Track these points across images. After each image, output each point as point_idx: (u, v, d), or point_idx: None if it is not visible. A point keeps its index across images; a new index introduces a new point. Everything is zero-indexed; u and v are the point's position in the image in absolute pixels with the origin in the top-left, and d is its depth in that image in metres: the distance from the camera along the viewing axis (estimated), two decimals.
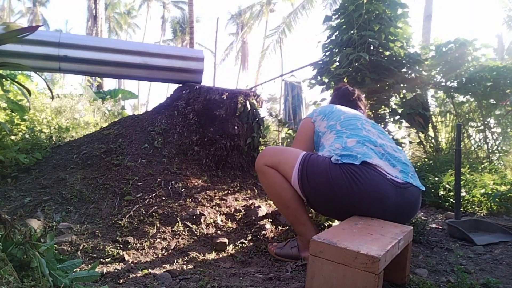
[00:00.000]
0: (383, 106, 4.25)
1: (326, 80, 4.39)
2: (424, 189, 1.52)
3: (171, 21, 31.87)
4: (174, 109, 2.74)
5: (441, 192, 2.96)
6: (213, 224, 1.89)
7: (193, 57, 2.94)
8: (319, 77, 4.51)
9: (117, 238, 1.67)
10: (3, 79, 1.66)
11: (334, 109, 1.78)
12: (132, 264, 1.45)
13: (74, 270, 1.11)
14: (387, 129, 4.19)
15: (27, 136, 2.77)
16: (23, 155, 2.37)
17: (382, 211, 1.38)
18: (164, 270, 1.42)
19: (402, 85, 4.20)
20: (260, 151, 3.11)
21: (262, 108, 2.95)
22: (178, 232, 1.77)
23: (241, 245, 1.76)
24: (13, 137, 2.68)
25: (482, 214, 2.74)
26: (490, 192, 2.84)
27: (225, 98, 2.67)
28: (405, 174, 1.44)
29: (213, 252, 1.65)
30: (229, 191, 2.34)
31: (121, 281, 1.28)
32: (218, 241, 1.71)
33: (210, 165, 2.57)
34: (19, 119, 2.82)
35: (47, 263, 0.98)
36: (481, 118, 4.41)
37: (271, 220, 2.05)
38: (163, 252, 1.61)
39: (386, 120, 4.22)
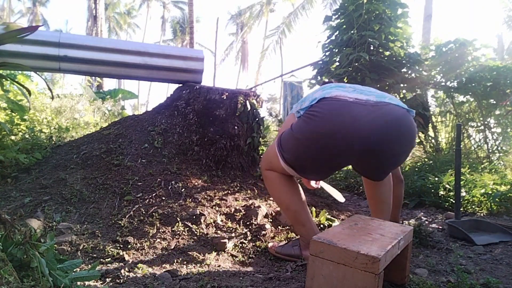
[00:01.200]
0: None
1: (326, 80, 4.39)
2: (413, 112, 1.41)
3: (171, 21, 31.87)
4: (174, 109, 2.74)
5: (441, 192, 2.96)
6: (213, 224, 1.89)
7: (193, 57, 2.94)
8: (319, 77, 4.50)
9: (117, 238, 1.67)
10: (3, 79, 1.66)
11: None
12: (132, 264, 1.45)
13: (74, 270, 1.11)
14: None
15: (27, 136, 2.76)
16: (23, 155, 2.37)
17: (358, 136, 1.27)
18: (164, 270, 1.42)
19: (402, 85, 4.20)
20: (260, 151, 3.13)
21: (262, 108, 2.96)
22: (178, 232, 1.77)
23: (241, 245, 1.76)
24: (13, 137, 2.68)
25: (482, 214, 2.74)
26: (490, 192, 2.84)
27: (225, 98, 2.67)
28: (380, 97, 1.35)
29: (213, 252, 1.65)
30: (229, 191, 2.34)
31: (121, 281, 1.28)
32: (218, 241, 1.71)
33: (210, 165, 2.57)
34: (19, 119, 2.82)
35: (47, 263, 0.98)
36: (481, 118, 4.41)
37: (271, 220, 2.05)
38: (163, 252, 1.61)
39: None
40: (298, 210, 1.54)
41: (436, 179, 3.10)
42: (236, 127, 2.67)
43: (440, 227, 2.35)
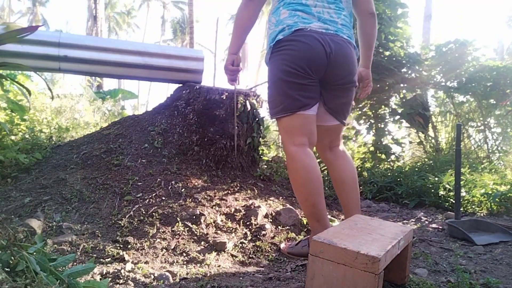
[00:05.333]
0: (383, 106, 4.25)
1: None
2: (352, 40, 1.59)
3: (171, 21, 31.86)
4: (174, 109, 2.74)
5: (441, 192, 2.96)
6: (213, 224, 1.89)
7: (193, 57, 2.94)
8: None
9: (117, 238, 1.67)
10: (3, 79, 1.66)
11: None
12: (132, 264, 1.45)
13: (68, 266, 1.10)
14: (387, 129, 4.19)
15: (27, 136, 2.76)
16: (23, 155, 2.37)
17: (322, 61, 1.47)
18: (164, 270, 1.42)
19: (402, 85, 4.20)
20: (260, 151, 3.12)
21: (262, 108, 2.96)
22: (178, 232, 1.77)
23: (241, 245, 1.76)
24: (13, 137, 2.68)
25: (482, 214, 2.74)
26: (490, 192, 2.84)
27: (225, 98, 2.67)
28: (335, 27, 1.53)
29: (213, 252, 1.65)
30: (229, 191, 2.34)
31: (121, 281, 1.28)
32: (218, 241, 1.71)
33: (210, 165, 2.57)
34: (19, 119, 2.82)
35: (38, 261, 0.97)
36: (481, 118, 4.41)
37: (271, 220, 2.05)
38: (163, 252, 1.61)
39: (386, 120, 4.22)
40: (316, 204, 1.51)
41: (436, 179, 3.10)
42: (236, 127, 2.67)
43: (440, 227, 2.35)
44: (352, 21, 1.67)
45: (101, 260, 1.47)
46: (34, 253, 1.01)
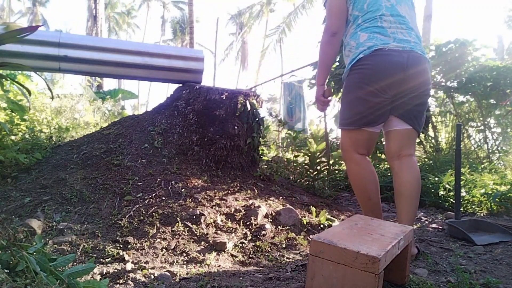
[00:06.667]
0: None
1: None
2: (425, 55, 1.71)
3: (171, 21, 31.83)
4: (174, 109, 2.74)
5: (441, 192, 2.96)
6: (213, 224, 1.89)
7: (193, 57, 2.94)
8: None
9: (117, 238, 1.67)
10: (3, 79, 1.66)
11: None
12: (132, 264, 1.45)
13: (68, 266, 1.10)
14: None
15: (27, 136, 2.76)
16: (23, 155, 2.37)
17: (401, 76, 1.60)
18: (164, 270, 1.42)
19: None
20: (260, 151, 3.12)
21: (262, 108, 2.96)
22: (178, 232, 1.77)
23: (241, 245, 1.76)
24: (13, 137, 2.68)
25: (482, 214, 2.74)
26: (490, 192, 2.84)
27: (225, 98, 2.67)
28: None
29: (213, 252, 1.65)
30: (229, 191, 2.34)
31: (121, 281, 1.28)
32: (218, 241, 1.71)
33: (210, 165, 2.57)
34: (19, 119, 2.82)
35: (38, 261, 0.97)
36: (481, 118, 4.41)
37: (271, 220, 2.05)
38: (163, 252, 1.61)
39: None
40: (377, 203, 1.70)
41: (436, 179, 3.10)
42: (236, 127, 2.67)
43: (440, 227, 2.35)
44: (421, 39, 1.79)
45: (101, 260, 1.47)
46: (34, 253, 1.01)
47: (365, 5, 1.68)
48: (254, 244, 1.78)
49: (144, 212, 1.90)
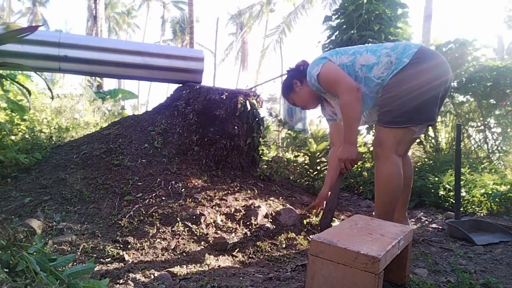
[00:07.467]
0: None
1: None
2: None
3: (171, 21, 31.83)
4: (174, 109, 2.74)
5: (441, 192, 2.96)
6: (213, 224, 1.89)
7: (193, 57, 2.94)
8: None
9: (117, 238, 1.67)
10: (3, 79, 1.66)
11: (335, 50, 1.85)
12: (132, 264, 1.45)
13: (68, 266, 1.10)
14: None
15: (27, 136, 2.76)
16: (23, 155, 2.37)
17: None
18: (164, 270, 1.42)
19: None
20: (260, 151, 3.12)
21: (262, 108, 2.95)
22: (178, 232, 1.77)
23: (241, 245, 1.76)
24: (13, 137, 2.67)
25: (482, 214, 2.74)
26: (490, 192, 2.84)
27: (225, 98, 2.67)
28: None
29: (213, 252, 1.65)
30: (229, 191, 2.34)
31: (121, 281, 1.28)
32: (218, 241, 1.71)
33: (210, 165, 2.57)
34: (19, 119, 2.82)
35: (38, 261, 0.97)
36: (481, 118, 4.40)
37: (271, 220, 2.05)
38: (163, 252, 1.61)
39: None
40: (395, 208, 1.73)
41: (436, 179, 3.10)
42: (236, 127, 2.67)
43: (440, 227, 2.35)
44: None
45: (101, 260, 1.47)
46: (34, 253, 1.01)
47: (350, 49, 1.80)
48: (254, 244, 1.78)
49: (144, 212, 1.90)
